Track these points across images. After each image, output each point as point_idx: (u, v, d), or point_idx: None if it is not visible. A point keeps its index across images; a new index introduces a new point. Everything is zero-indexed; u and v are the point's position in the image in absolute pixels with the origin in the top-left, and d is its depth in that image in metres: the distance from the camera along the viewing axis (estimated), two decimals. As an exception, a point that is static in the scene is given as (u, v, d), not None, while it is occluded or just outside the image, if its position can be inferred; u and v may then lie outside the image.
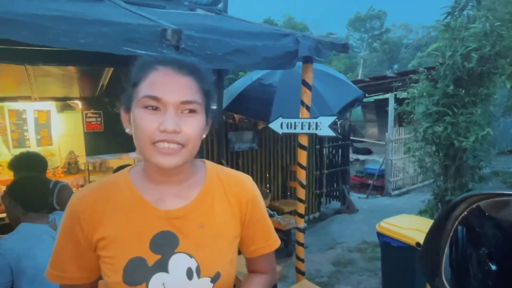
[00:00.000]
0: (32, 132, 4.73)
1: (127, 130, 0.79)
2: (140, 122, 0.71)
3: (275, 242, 0.94)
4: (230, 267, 0.82)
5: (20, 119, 4.65)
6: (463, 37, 3.43)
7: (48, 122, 4.87)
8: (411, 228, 2.74)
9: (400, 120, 7.04)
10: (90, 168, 4.76)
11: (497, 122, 4.19)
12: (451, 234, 0.64)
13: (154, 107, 0.71)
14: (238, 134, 5.01)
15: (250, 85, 4.48)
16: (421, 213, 4.07)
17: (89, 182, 4.50)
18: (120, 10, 2.30)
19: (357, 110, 15.59)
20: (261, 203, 0.91)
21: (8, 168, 2.46)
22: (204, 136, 0.82)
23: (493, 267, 0.62)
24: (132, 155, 4.49)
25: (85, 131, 4.29)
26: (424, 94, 3.85)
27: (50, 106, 4.84)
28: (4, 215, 3.18)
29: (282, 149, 5.45)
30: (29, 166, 2.38)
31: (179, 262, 0.77)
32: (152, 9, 2.85)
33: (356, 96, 4.40)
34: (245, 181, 0.90)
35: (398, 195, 7.36)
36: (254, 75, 4.69)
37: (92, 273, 0.82)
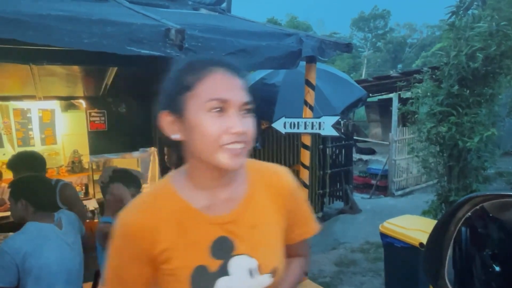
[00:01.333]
0: (36, 131, 4.76)
1: (174, 137, 0.76)
2: (207, 125, 0.71)
3: (314, 228, 0.95)
4: (283, 260, 0.85)
5: (25, 118, 4.67)
6: (468, 37, 3.42)
7: (52, 121, 4.89)
8: (415, 228, 2.72)
9: (404, 120, 7.02)
10: (94, 167, 4.78)
11: (502, 122, 4.16)
12: (454, 235, 0.64)
13: (219, 109, 0.71)
14: (241, 133, 5.01)
15: (253, 84, 4.40)
16: (424, 213, 4.05)
17: (93, 180, 4.53)
18: (124, 10, 2.31)
19: (361, 110, 15.54)
20: (300, 193, 0.93)
21: (7, 168, 2.47)
22: None
23: (497, 269, 0.62)
24: (136, 154, 4.51)
25: (89, 130, 4.31)
26: (428, 94, 3.84)
27: (55, 105, 4.86)
28: (6, 213, 3.20)
29: (285, 149, 5.44)
30: (27, 165, 2.39)
31: (239, 264, 0.79)
32: (156, 8, 2.85)
33: (359, 96, 4.39)
34: (284, 173, 0.90)
35: (402, 195, 7.33)
36: (257, 75, 4.69)
37: None
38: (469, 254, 0.69)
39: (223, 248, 0.78)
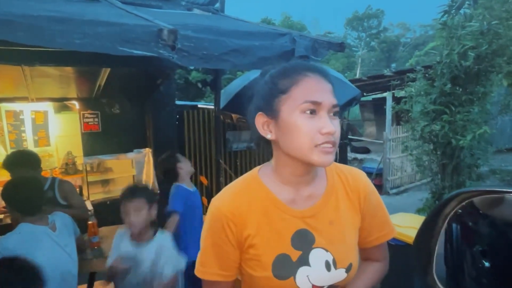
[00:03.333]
0: (29, 133, 4.72)
1: (268, 136, 0.83)
2: (302, 126, 0.77)
3: (391, 232, 0.99)
4: (358, 258, 0.91)
5: (18, 120, 4.63)
6: (460, 36, 3.44)
7: (45, 122, 4.85)
8: (409, 226, 2.74)
9: (398, 118, 7.06)
10: (88, 168, 4.75)
11: (494, 120, 4.20)
12: (442, 231, 0.64)
13: (312, 111, 0.77)
14: (236, 133, 5.01)
15: (247, 84, 4.47)
16: (419, 211, 4.08)
17: (87, 182, 4.50)
18: (116, 10, 2.30)
19: (355, 109, 15.60)
20: (376, 195, 0.97)
21: (2, 167, 2.44)
22: None
23: (486, 264, 0.63)
24: (130, 155, 4.49)
25: (83, 131, 4.28)
26: (422, 92, 3.86)
27: (48, 106, 4.83)
28: (2, 216, 3.18)
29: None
30: (22, 163, 2.36)
31: (317, 256, 0.85)
32: (148, 9, 2.84)
33: (353, 95, 4.40)
34: (360, 175, 0.96)
35: (396, 193, 7.38)
36: (251, 75, 4.68)
37: (232, 272, 0.88)
38: (460, 250, 0.70)
39: (304, 240, 0.84)
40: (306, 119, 0.77)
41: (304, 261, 0.83)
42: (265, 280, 0.83)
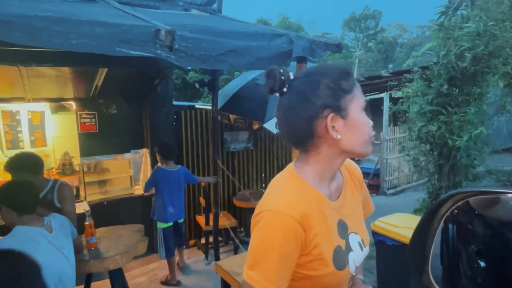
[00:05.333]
0: (26, 133, 4.70)
1: (338, 137, 0.85)
2: (366, 122, 0.88)
3: (372, 207, 1.15)
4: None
5: (14, 120, 4.61)
6: (456, 37, 3.45)
7: (42, 123, 4.84)
8: (406, 226, 2.75)
9: (395, 119, 7.07)
10: (85, 169, 4.74)
11: (490, 121, 4.21)
12: (437, 231, 0.64)
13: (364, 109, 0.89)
14: (233, 134, 5.01)
15: (245, 85, 4.48)
16: (416, 211, 4.09)
17: (84, 183, 4.49)
18: (114, 11, 2.29)
19: (353, 110, 15.62)
20: (362, 178, 1.12)
21: (4, 170, 2.43)
22: None
23: (482, 264, 0.63)
24: (127, 155, 4.48)
25: (80, 132, 4.26)
26: (419, 93, 3.87)
27: (44, 107, 4.81)
28: None
29: (277, 149, 5.46)
30: (25, 166, 2.35)
31: (354, 240, 0.94)
32: (146, 9, 2.84)
33: (351, 96, 4.40)
34: (356, 165, 1.11)
35: (393, 194, 7.40)
36: (249, 75, 4.70)
37: (288, 282, 0.85)
38: (455, 250, 0.70)
39: (343, 229, 0.93)
40: (365, 115, 0.88)
41: (349, 247, 0.92)
42: (329, 276, 0.85)
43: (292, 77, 0.89)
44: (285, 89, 0.89)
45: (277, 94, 0.91)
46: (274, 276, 0.80)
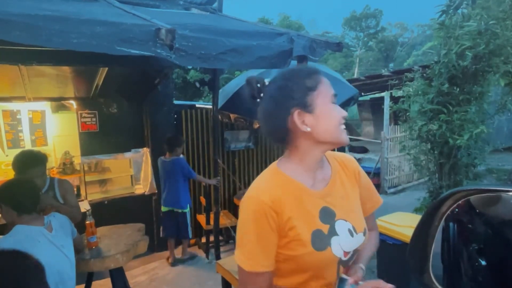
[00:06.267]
0: (26, 132, 4.70)
1: (308, 130, 0.97)
2: (335, 113, 0.98)
3: (379, 200, 1.20)
4: (366, 225, 1.08)
5: (15, 120, 4.62)
6: (457, 36, 3.45)
7: (42, 122, 4.84)
8: (406, 225, 2.75)
9: (396, 118, 7.06)
10: (86, 168, 4.74)
11: (491, 120, 4.20)
12: (438, 230, 0.64)
13: (333, 102, 0.99)
14: (234, 133, 5.01)
15: (245, 84, 4.46)
16: (416, 210, 4.09)
17: (85, 182, 4.49)
18: (114, 10, 2.29)
19: (353, 109, 15.62)
20: (364, 173, 1.17)
21: (14, 168, 2.42)
22: None
23: (482, 262, 0.63)
24: (128, 154, 4.48)
25: (80, 131, 4.26)
26: (419, 92, 3.87)
27: (45, 106, 4.81)
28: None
29: (278, 148, 5.45)
30: (29, 164, 2.36)
31: (341, 226, 1.00)
32: (146, 8, 2.84)
33: (351, 95, 4.40)
34: (351, 158, 1.18)
35: (394, 193, 7.39)
36: (249, 74, 4.69)
37: (273, 260, 0.97)
38: (456, 249, 0.70)
39: (328, 215, 1.00)
40: (334, 107, 0.98)
41: (333, 232, 0.98)
42: (308, 256, 0.94)
43: (267, 83, 1.03)
44: (262, 95, 1.04)
45: (258, 100, 1.05)
46: (253, 253, 0.94)
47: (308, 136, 0.98)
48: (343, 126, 0.99)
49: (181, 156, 4.10)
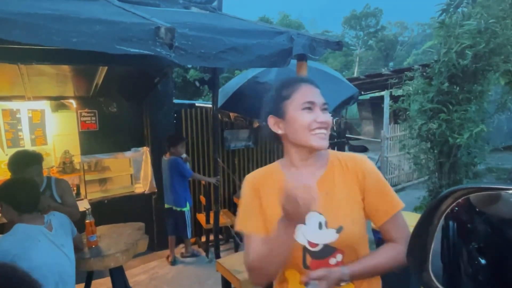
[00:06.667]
0: (26, 131, 4.71)
1: (279, 132, 1.11)
2: (302, 118, 1.05)
3: (398, 204, 1.13)
4: (352, 225, 1.07)
5: (14, 119, 4.62)
6: (457, 34, 3.45)
7: (42, 121, 4.84)
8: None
9: (396, 117, 7.07)
10: (86, 167, 4.75)
11: (491, 119, 4.20)
12: (437, 228, 0.64)
13: (309, 108, 1.06)
14: (233, 132, 5.01)
15: (245, 83, 4.46)
16: (416, 209, 4.10)
17: (85, 181, 4.50)
18: (114, 9, 2.29)
19: (353, 108, 15.63)
20: (377, 174, 1.15)
21: (9, 168, 2.42)
22: None
23: (482, 261, 0.63)
24: (128, 153, 4.48)
25: (80, 130, 4.26)
26: (419, 91, 3.87)
27: (44, 105, 4.81)
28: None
29: (278, 147, 5.43)
30: (26, 164, 2.36)
31: (312, 218, 1.05)
32: (146, 7, 2.83)
33: (351, 94, 4.39)
34: (358, 159, 1.17)
35: (394, 192, 7.39)
36: (249, 73, 4.68)
37: (257, 227, 1.10)
38: (456, 247, 0.70)
39: None
40: (305, 113, 1.05)
41: (301, 221, 1.01)
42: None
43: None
44: None
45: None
46: (243, 219, 1.14)
47: (285, 138, 1.13)
48: (319, 131, 1.05)
49: (184, 155, 4.12)
